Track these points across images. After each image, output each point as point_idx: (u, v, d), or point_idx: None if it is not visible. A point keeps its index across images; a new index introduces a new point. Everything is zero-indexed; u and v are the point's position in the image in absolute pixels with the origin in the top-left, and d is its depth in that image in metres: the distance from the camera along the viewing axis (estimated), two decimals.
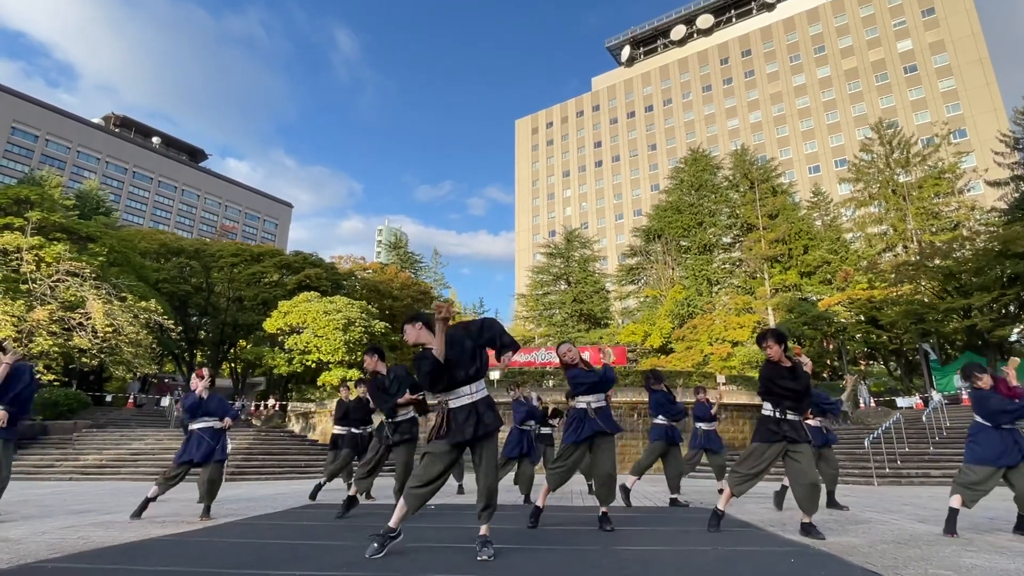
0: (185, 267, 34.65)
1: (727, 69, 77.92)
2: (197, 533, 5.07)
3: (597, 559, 3.84)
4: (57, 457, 15.45)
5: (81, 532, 5.06)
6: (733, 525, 5.43)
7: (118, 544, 4.40)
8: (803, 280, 37.06)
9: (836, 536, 4.83)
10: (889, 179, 35.59)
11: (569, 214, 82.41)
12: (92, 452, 15.64)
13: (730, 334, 34.66)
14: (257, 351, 31.74)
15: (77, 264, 21.99)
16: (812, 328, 31.35)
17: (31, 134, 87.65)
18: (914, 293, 26.98)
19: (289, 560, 3.71)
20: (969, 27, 62.49)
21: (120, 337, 21.71)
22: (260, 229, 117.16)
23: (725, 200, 43.20)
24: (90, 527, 5.44)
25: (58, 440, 16.84)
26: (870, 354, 34.45)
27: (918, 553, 4.03)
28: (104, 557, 3.89)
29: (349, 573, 3.37)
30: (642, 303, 44.18)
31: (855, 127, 65.36)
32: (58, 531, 5.12)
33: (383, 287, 39.63)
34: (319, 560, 3.72)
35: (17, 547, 4.24)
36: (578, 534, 5.03)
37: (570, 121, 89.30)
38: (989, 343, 24.11)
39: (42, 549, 4.16)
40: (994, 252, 22.92)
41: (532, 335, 48.63)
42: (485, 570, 3.44)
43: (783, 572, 3.47)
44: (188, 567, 3.55)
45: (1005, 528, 5.32)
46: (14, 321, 19.48)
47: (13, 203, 24.04)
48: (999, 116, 55.44)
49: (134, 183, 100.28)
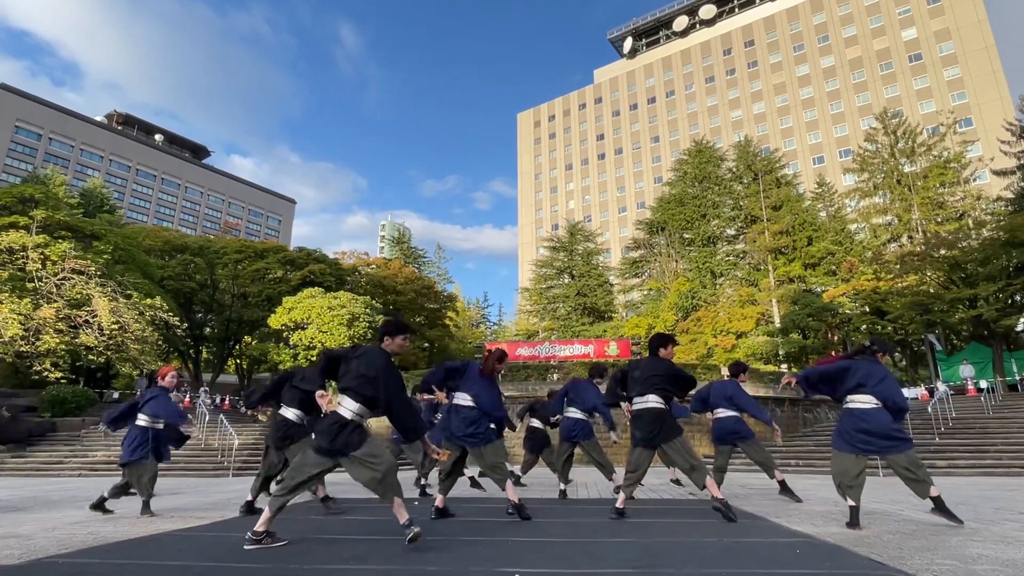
0: (189, 264, 34.76)
1: (730, 60, 77.39)
2: (206, 528, 5.11)
3: (602, 551, 3.86)
4: (66, 454, 15.58)
5: (91, 527, 5.10)
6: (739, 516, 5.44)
7: (128, 539, 4.44)
8: (807, 271, 36.93)
9: (841, 527, 4.83)
10: (894, 169, 35.35)
11: (572, 207, 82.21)
12: (100, 448, 15.77)
13: (734, 326, 34.62)
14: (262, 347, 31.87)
15: (82, 262, 22.09)
16: (817, 320, 31.26)
17: (35, 133, 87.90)
18: (919, 284, 26.84)
19: (297, 554, 3.74)
20: (975, 14, 61.85)
21: (126, 334, 21.82)
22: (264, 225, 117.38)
23: (729, 192, 43.01)
24: (99, 522, 5.49)
25: (66, 437, 16.99)
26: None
27: (924, 543, 4.03)
28: (114, 552, 3.92)
29: (357, 566, 3.39)
30: (646, 296, 44.12)
31: (859, 117, 64.89)
32: (68, 526, 5.17)
33: (387, 282, 39.67)
34: (327, 554, 3.74)
35: (27, 542, 4.29)
36: (582, 526, 5.05)
37: (572, 114, 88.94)
38: (995, 333, 24.00)
39: (52, 544, 4.20)
40: (1000, 242, 22.77)
41: (536, 329, 48.66)
42: (494, 562, 3.45)
43: (789, 563, 3.47)
44: (197, 561, 3.58)
45: (1012, 519, 5.31)
46: (21, 319, 19.60)
47: (18, 202, 24.13)
48: (1005, 104, 54.94)
49: (137, 181, 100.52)
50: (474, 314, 68.07)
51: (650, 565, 3.43)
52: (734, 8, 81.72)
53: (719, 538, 4.31)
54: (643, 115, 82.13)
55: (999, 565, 3.32)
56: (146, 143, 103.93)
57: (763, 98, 73.64)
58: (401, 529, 3.75)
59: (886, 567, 3.29)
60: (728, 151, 47.17)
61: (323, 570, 3.30)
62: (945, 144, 35.67)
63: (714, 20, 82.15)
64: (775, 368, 31.80)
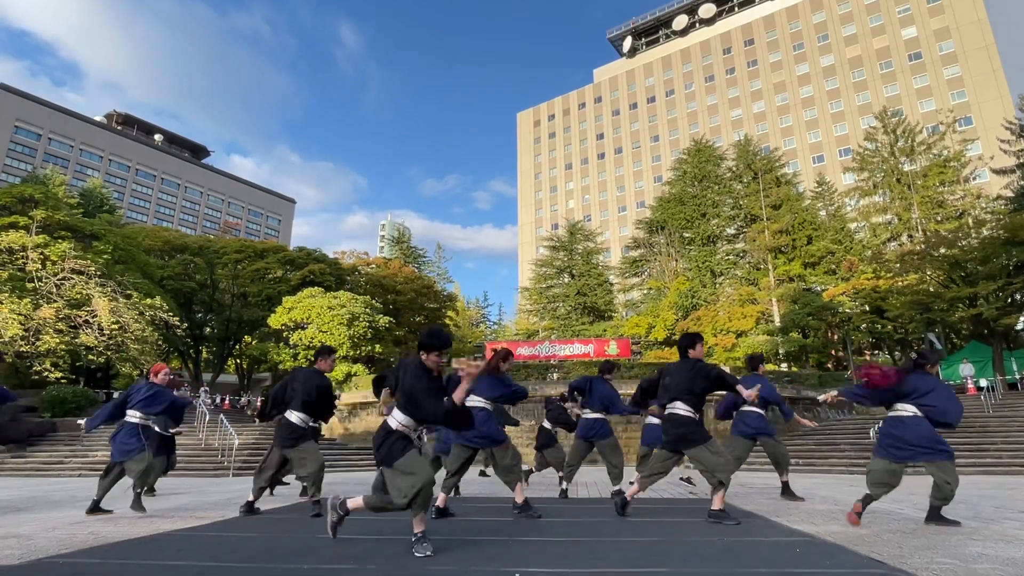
0: (189, 264, 34.78)
1: (730, 59, 77.38)
2: (207, 527, 5.11)
3: (603, 551, 3.86)
4: (66, 454, 15.58)
5: (91, 527, 5.10)
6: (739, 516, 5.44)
7: (128, 539, 4.44)
8: (807, 270, 36.94)
9: (842, 526, 4.83)
10: (894, 168, 35.35)
11: (572, 207, 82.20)
12: (101, 449, 15.75)
13: (734, 325, 34.63)
14: (262, 347, 31.90)
15: (82, 262, 22.09)
16: (817, 319, 31.27)
17: (34, 133, 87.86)
18: (919, 283, 26.84)
19: (298, 553, 3.74)
20: (975, 13, 61.82)
21: (126, 334, 21.83)
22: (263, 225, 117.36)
23: (728, 191, 43.02)
24: (100, 522, 5.49)
25: (67, 437, 16.98)
26: (875, 344, 34.36)
27: (923, 542, 4.03)
28: (114, 552, 3.92)
29: (358, 566, 3.39)
30: (646, 295, 44.13)
31: (859, 116, 64.87)
32: (68, 527, 5.17)
33: (386, 282, 39.67)
34: (328, 553, 3.74)
35: (28, 543, 4.29)
36: (583, 526, 5.05)
37: (572, 113, 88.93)
38: (995, 332, 24.01)
39: (52, 544, 4.20)
40: (1000, 240, 22.77)
41: (536, 328, 48.67)
42: (495, 562, 3.45)
43: (789, 562, 3.47)
44: (198, 561, 3.58)
45: (1012, 517, 5.31)
46: (21, 319, 19.60)
47: (18, 202, 24.13)
48: (1005, 103, 54.92)
49: (137, 181, 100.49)
50: (474, 314, 68.10)
51: (651, 565, 3.43)
52: (734, 7, 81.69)
53: (720, 537, 4.31)
54: (643, 114, 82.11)
55: (999, 564, 3.32)
56: (146, 143, 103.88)
57: (763, 97, 73.63)
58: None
59: (886, 566, 3.29)
60: (728, 150, 47.18)
61: (323, 570, 3.30)
62: (945, 143, 35.67)
63: (714, 19, 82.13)
64: (775, 367, 31.81)
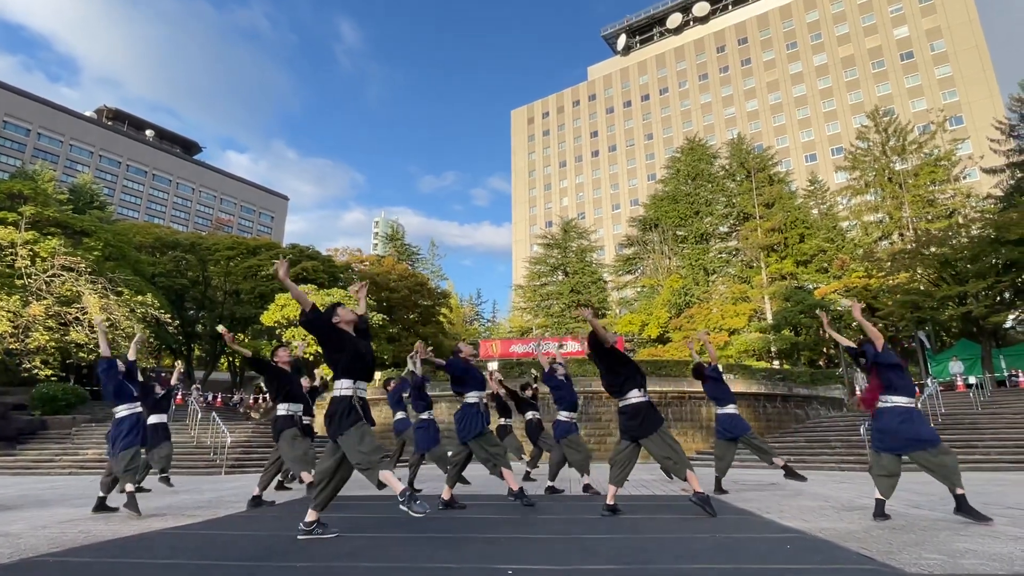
0: (181, 261, 34.53)
1: (723, 57, 77.54)
2: (198, 526, 5.09)
3: (596, 547, 3.88)
4: (56, 452, 15.45)
5: (82, 526, 5.07)
6: (731, 512, 5.47)
7: (119, 538, 4.42)
8: (799, 269, 37.14)
9: (832, 522, 4.88)
10: (885, 167, 35.57)
11: (566, 204, 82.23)
12: (91, 447, 15.64)
13: (727, 322, 34.80)
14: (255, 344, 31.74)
15: (72, 259, 21.88)
16: (808, 316, 31.46)
17: (23, 128, 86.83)
18: (910, 281, 27.04)
19: (290, 551, 3.74)
20: (966, 13, 62.22)
21: (117, 332, 21.66)
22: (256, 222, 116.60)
23: (722, 189, 43.18)
24: (90, 521, 5.46)
25: (57, 435, 16.84)
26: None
27: (912, 538, 4.07)
28: (105, 551, 3.90)
29: (350, 563, 3.39)
30: (639, 293, 44.26)
31: (852, 115, 65.18)
32: (58, 525, 5.14)
33: (380, 279, 39.54)
34: (320, 551, 3.74)
35: (18, 541, 4.26)
36: (577, 522, 5.07)
37: (566, 111, 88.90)
38: (984, 330, 24.23)
39: (43, 543, 4.17)
40: (989, 239, 22.95)
41: (530, 326, 48.72)
42: (488, 558, 3.46)
43: (780, 558, 3.50)
44: (190, 560, 3.56)
45: (999, 513, 5.37)
46: (10, 316, 19.41)
47: (6, 198, 23.87)
48: (995, 103, 55.35)
49: (128, 177, 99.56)
50: (468, 311, 68.03)
51: (642, 561, 3.45)
52: (727, 6, 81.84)
53: (711, 534, 4.34)
54: (637, 112, 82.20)
55: (986, 559, 3.36)
56: (137, 139, 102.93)
57: (756, 95, 73.84)
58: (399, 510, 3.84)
59: (875, 561, 3.33)
60: (721, 148, 47.33)
61: (318, 567, 3.30)
62: (936, 142, 35.91)
63: (708, 17, 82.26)
64: (767, 364, 32.00)
